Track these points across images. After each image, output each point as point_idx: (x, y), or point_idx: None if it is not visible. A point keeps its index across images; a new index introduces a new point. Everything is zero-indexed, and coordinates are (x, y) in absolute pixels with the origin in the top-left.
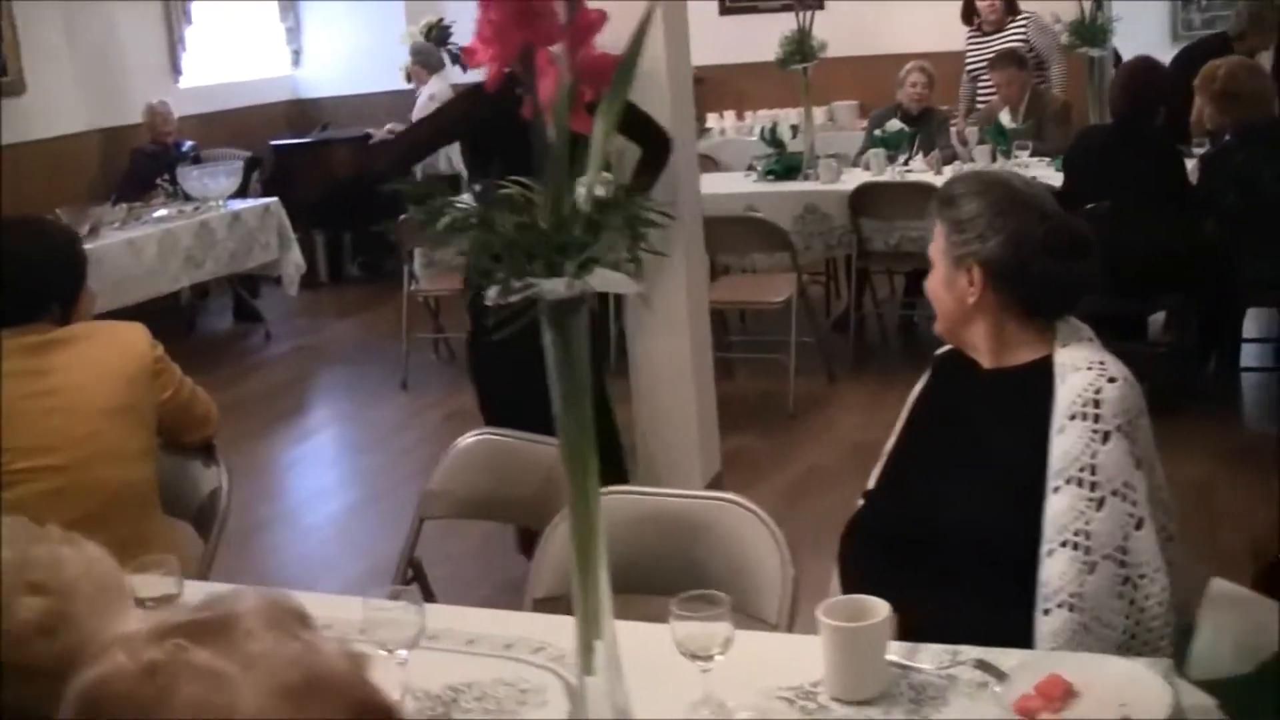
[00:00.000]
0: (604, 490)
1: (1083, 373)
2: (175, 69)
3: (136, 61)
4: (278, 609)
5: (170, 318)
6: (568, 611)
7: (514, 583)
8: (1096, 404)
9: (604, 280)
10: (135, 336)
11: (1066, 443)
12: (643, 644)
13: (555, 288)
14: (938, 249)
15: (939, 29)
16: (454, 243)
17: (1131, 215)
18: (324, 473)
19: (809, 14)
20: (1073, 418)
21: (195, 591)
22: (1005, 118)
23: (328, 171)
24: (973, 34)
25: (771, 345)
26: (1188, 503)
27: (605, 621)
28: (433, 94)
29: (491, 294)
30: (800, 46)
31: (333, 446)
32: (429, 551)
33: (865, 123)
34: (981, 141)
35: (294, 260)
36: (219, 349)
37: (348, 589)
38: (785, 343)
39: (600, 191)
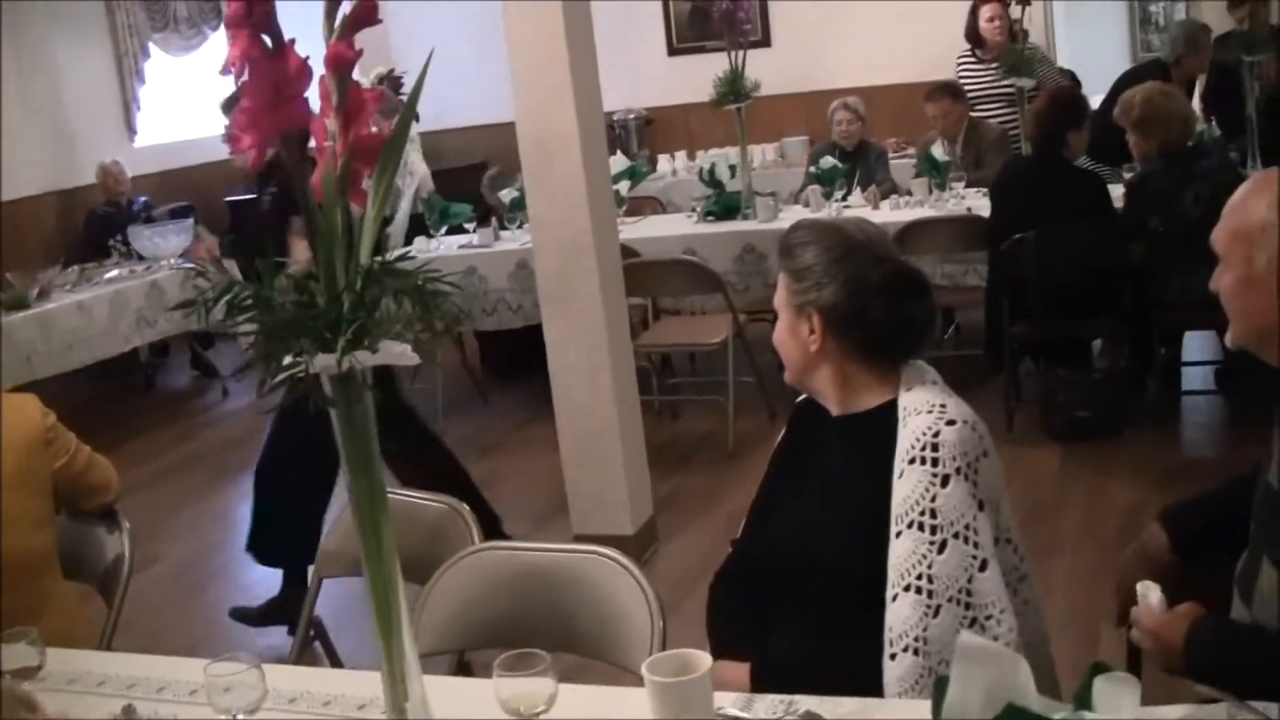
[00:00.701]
0: (478, 547)
1: (923, 416)
2: (130, 128)
3: (90, 122)
4: (7, 696)
5: (130, 375)
6: (448, 669)
7: None
8: (935, 447)
9: (384, 354)
10: (26, 406)
11: (906, 487)
12: (475, 703)
13: (327, 363)
14: (780, 299)
15: (879, 63)
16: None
17: (1056, 242)
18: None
19: (741, 54)
20: (912, 461)
21: (76, 660)
22: (939, 150)
23: (285, 226)
24: (965, 59)
25: (716, 386)
26: (1115, 526)
27: (414, 683)
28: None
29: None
30: (733, 86)
31: None
32: (358, 608)
33: None
34: (917, 175)
35: None
36: (177, 405)
37: (284, 643)
38: (726, 383)
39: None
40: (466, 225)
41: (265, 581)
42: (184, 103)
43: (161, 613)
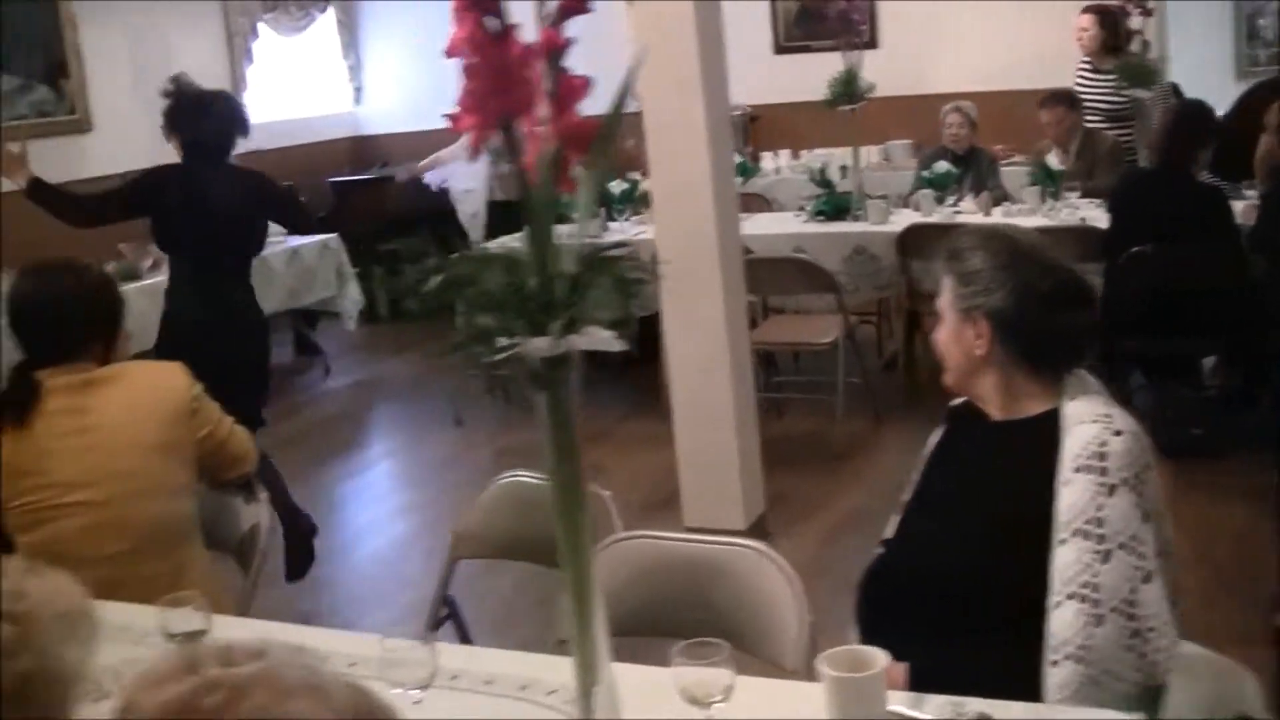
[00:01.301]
0: (622, 535)
1: (1089, 425)
2: None
3: None
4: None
5: None
6: None
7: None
8: (1102, 456)
9: (591, 339)
10: (173, 375)
11: (1073, 495)
12: (649, 689)
13: (540, 346)
14: (946, 302)
15: (988, 69)
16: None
17: (1175, 258)
18: (376, 506)
19: (858, 54)
20: (1079, 470)
21: (231, 627)
22: (1054, 159)
23: (387, 208)
24: (1083, 67)
25: (821, 386)
26: (1228, 550)
27: (603, 667)
28: None
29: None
30: (848, 87)
31: (386, 480)
32: (477, 587)
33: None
34: (1031, 183)
35: (352, 296)
36: (279, 382)
37: (394, 622)
38: (833, 383)
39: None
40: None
41: (367, 566)
42: (289, 83)
43: (268, 587)
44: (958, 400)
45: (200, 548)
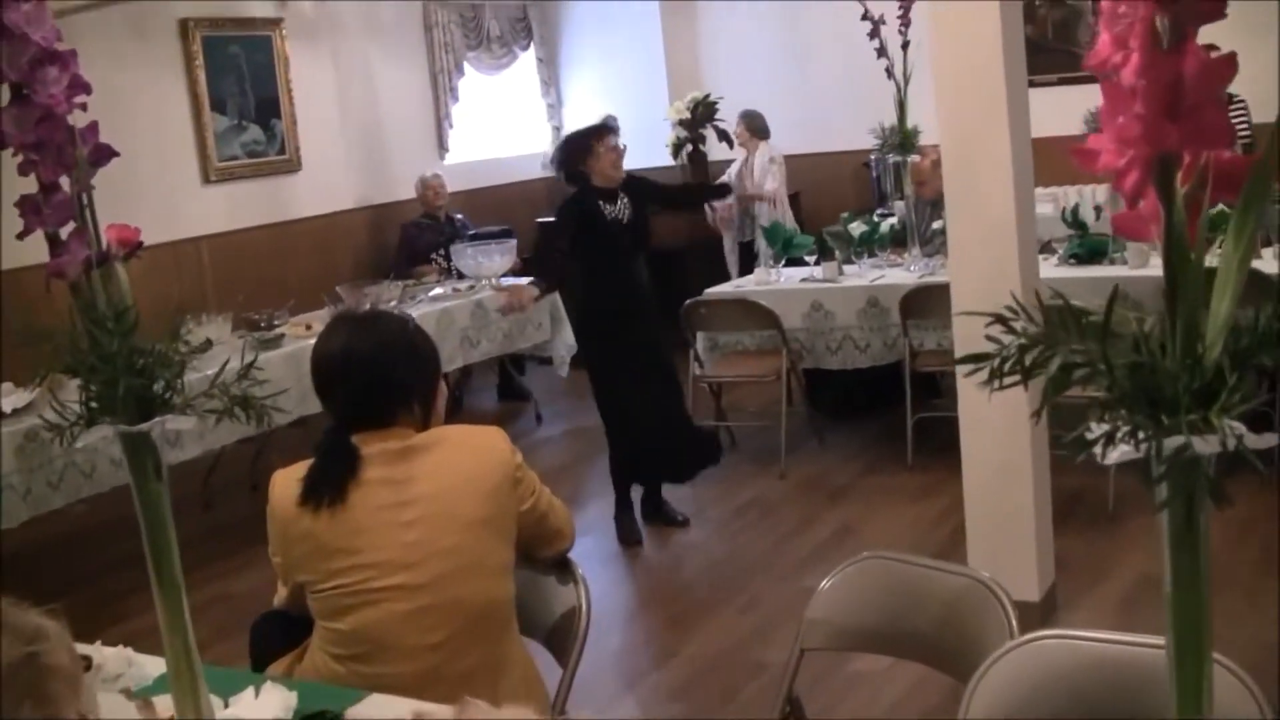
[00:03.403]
0: (1036, 635)
1: None
2: (442, 146)
3: (405, 139)
4: None
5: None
6: None
7: None
8: None
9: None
10: (495, 440)
11: None
12: None
13: (1210, 446)
14: None
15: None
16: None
17: None
18: (599, 571)
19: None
20: None
21: None
22: None
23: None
24: None
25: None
26: None
27: None
28: (772, 158)
29: (1114, 456)
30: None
31: (612, 541)
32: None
33: None
34: None
35: (565, 341)
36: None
37: (637, 701)
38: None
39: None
40: (807, 258)
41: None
42: (491, 121)
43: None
44: None
45: (518, 637)
